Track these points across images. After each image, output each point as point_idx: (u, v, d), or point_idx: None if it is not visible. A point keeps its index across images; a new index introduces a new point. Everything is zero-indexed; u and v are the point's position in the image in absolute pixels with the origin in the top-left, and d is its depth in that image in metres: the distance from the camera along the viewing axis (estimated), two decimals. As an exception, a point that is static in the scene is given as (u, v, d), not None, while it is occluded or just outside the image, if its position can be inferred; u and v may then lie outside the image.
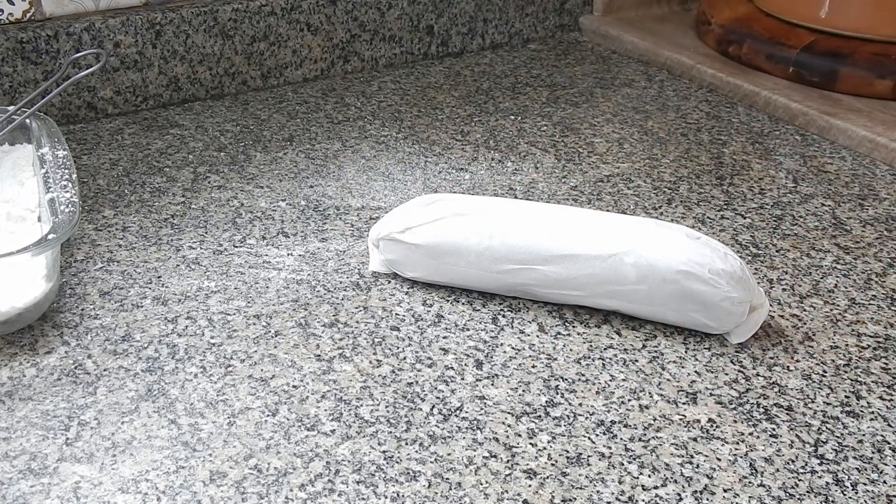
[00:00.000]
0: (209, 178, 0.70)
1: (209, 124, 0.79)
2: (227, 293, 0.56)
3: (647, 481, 0.43)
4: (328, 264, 0.59)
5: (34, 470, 0.43)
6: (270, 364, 0.50)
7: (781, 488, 0.43)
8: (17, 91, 0.75)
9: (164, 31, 0.80)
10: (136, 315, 0.54)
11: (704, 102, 0.86)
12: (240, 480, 0.43)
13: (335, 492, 0.42)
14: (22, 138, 0.65)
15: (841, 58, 0.83)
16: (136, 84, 0.80)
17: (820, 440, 0.46)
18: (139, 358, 0.50)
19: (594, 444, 0.45)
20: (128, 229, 0.63)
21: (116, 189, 0.68)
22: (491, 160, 0.74)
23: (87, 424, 0.46)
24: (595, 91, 0.87)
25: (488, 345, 0.52)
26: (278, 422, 0.46)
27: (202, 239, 0.62)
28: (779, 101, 0.83)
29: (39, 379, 0.49)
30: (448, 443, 0.45)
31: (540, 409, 0.47)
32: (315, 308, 0.55)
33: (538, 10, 0.99)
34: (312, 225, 0.64)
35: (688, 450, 0.45)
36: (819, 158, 0.75)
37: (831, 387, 0.50)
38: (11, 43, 0.74)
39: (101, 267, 0.59)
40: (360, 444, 0.45)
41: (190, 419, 0.46)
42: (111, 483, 0.42)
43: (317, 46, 0.88)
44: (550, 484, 0.43)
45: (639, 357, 0.51)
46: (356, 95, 0.86)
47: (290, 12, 0.85)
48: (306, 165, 0.72)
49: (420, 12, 0.92)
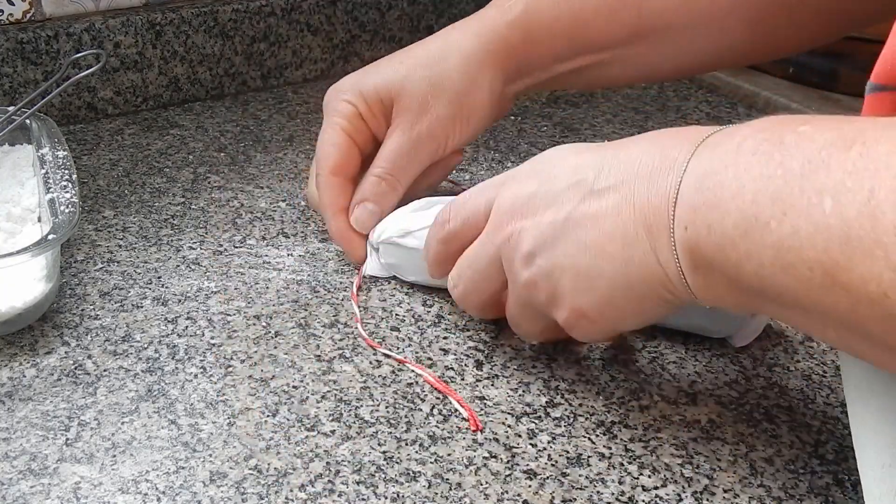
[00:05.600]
0: (209, 178, 0.70)
1: (209, 125, 0.79)
2: (228, 293, 0.56)
3: (647, 481, 0.43)
4: (328, 265, 0.59)
5: (34, 470, 0.43)
6: (270, 364, 0.50)
7: (781, 488, 0.43)
8: (17, 91, 0.75)
9: (164, 31, 0.80)
10: (136, 315, 0.54)
11: (704, 103, 0.86)
12: (240, 481, 0.43)
13: (335, 492, 0.42)
14: (22, 139, 0.65)
15: (841, 58, 0.83)
16: (136, 84, 0.80)
17: (820, 440, 0.46)
18: (139, 358, 0.50)
19: (594, 444, 0.45)
20: (128, 230, 0.63)
21: (116, 189, 0.68)
22: (491, 160, 0.73)
23: (87, 425, 0.46)
24: (595, 91, 0.87)
25: (488, 345, 0.52)
26: (278, 422, 0.46)
27: (202, 239, 0.62)
28: (779, 102, 0.83)
29: (39, 379, 0.49)
30: (448, 443, 0.45)
31: (540, 409, 0.47)
32: (315, 308, 0.55)
33: (538, 10, 0.99)
34: (312, 225, 0.64)
35: (688, 450, 0.45)
36: (819, 159, 0.75)
37: (831, 387, 0.50)
38: (11, 43, 0.74)
39: (101, 267, 0.59)
40: (360, 444, 0.45)
41: (190, 419, 0.46)
42: (111, 483, 0.42)
43: (317, 47, 0.88)
44: (550, 484, 0.43)
45: (639, 357, 0.51)
46: (356, 96, 0.85)
47: (290, 13, 0.85)
48: (306, 166, 0.72)
49: (420, 13, 0.92)
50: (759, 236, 0.34)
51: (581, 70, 0.59)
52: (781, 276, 0.34)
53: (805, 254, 0.32)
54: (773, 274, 0.34)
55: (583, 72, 0.59)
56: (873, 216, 0.30)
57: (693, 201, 0.37)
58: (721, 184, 0.36)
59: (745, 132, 0.37)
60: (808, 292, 0.33)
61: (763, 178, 0.34)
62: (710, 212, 0.36)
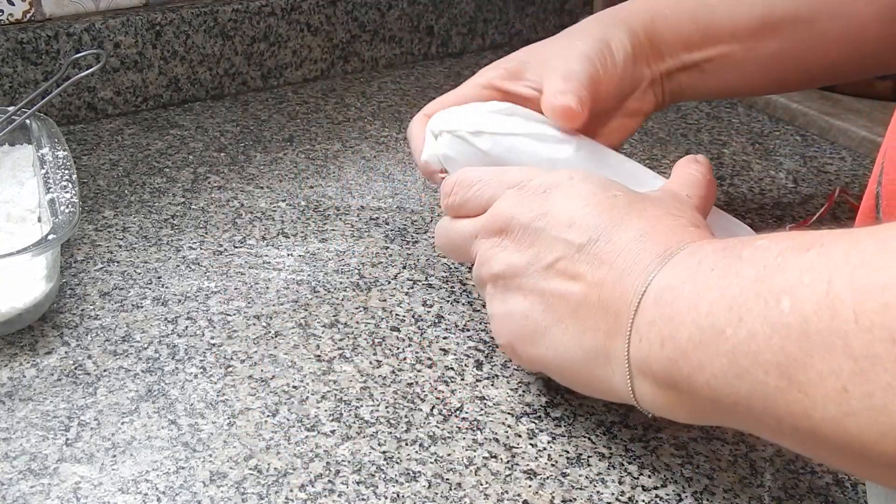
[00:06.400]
0: (209, 178, 0.70)
1: (209, 125, 0.79)
2: (227, 294, 0.56)
3: (647, 481, 0.43)
4: (328, 265, 0.59)
5: (34, 470, 0.43)
6: (270, 364, 0.50)
7: (781, 488, 0.43)
8: (17, 91, 0.75)
9: (164, 31, 0.80)
10: (136, 315, 0.54)
11: (704, 103, 0.86)
12: (240, 481, 0.43)
13: (335, 492, 0.42)
14: (22, 139, 0.65)
15: (841, 58, 0.83)
16: (136, 84, 0.80)
17: (820, 440, 0.46)
18: (139, 358, 0.50)
19: (594, 444, 0.45)
20: (128, 230, 0.63)
21: (116, 189, 0.68)
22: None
23: (87, 425, 0.46)
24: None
25: (488, 345, 0.52)
26: (278, 422, 0.46)
27: (202, 239, 0.62)
28: (779, 102, 0.83)
29: (39, 379, 0.49)
30: (448, 443, 0.45)
31: (540, 409, 0.47)
32: (315, 308, 0.55)
33: (538, 10, 0.99)
34: (312, 225, 0.64)
35: (688, 450, 0.45)
36: (819, 159, 0.75)
37: (831, 387, 0.50)
38: (11, 43, 0.74)
39: (101, 267, 0.59)
40: (360, 444, 0.45)
41: (190, 420, 0.46)
42: (111, 483, 0.42)
43: (317, 47, 0.88)
44: (550, 484, 0.43)
45: (639, 357, 0.51)
46: (356, 96, 0.86)
47: (290, 13, 0.85)
48: (306, 166, 0.72)
49: (420, 13, 0.92)
50: (714, 346, 0.34)
51: (710, 63, 0.57)
52: (736, 383, 0.33)
53: (761, 357, 0.32)
54: (727, 383, 0.34)
55: (712, 67, 0.58)
56: (832, 307, 0.30)
57: (650, 316, 0.37)
58: (678, 298, 0.36)
59: (707, 250, 0.37)
60: (762, 398, 0.32)
61: (719, 288, 0.34)
62: (665, 325, 0.36)
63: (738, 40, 0.57)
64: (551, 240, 0.43)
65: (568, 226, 0.42)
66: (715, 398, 0.35)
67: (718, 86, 0.60)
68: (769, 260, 0.33)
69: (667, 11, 0.57)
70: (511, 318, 0.44)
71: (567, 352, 0.42)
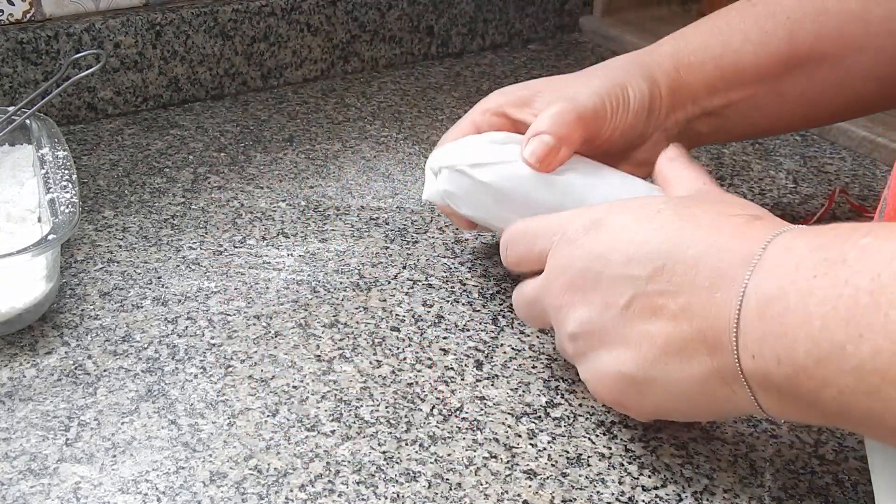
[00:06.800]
0: (209, 178, 0.70)
1: (209, 125, 0.79)
2: (227, 294, 0.56)
3: (647, 482, 0.43)
4: (328, 265, 0.59)
5: (34, 470, 0.43)
6: (270, 365, 0.50)
7: (781, 488, 0.43)
8: (17, 91, 0.75)
9: (164, 31, 0.80)
10: (136, 315, 0.54)
11: (704, 103, 0.86)
12: (240, 481, 0.43)
13: (335, 492, 0.42)
14: (22, 139, 0.65)
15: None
16: (136, 84, 0.80)
17: (820, 440, 0.46)
18: (139, 358, 0.51)
19: (594, 444, 0.45)
20: (128, 230, 0.63)
21: (116, 189, 0.68)
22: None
23: (87, 425, 0.46)
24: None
25: (488, 345, 0.52)
26: (278, 422, 0.46)
27: (202, 239, 0.62)
28: (779, 102, 0.82)
29: (39, 379, 0.49)
30: (448, 443, 0.45)
31: (540, 409, 0.47)
32: (315, 309, 0.55)
33: (538, 10, 0.99)
34: (312, 225, 0.64)
35: (688, 450, 0.45)
36: (819, 159, 0.75)
37: (831, 387, 0.50)
38: (11, 43, 0.74)
39: (101, 267, 0.59)
40: (360, 444, 0.45)
41: (190, 420, 0.46)
42: (111, 483, 0.42)
43: (317, 47, 0.88)
44: (550, 484, 0.43)
45: (639, 357, 0.51)
46: (356, 96, 0.86)
47: (291, 13, 0.85)
48: (306, 166, 0.72)
49: (420, 13, 0.92)
50: (837, 363, 0.32)
51: (731, 107, 0.56)
52: (866, 401, 0.32)
53: (891, 373, 0.31)
54: (857, 400, 0.32)
55: (733, 110, 0.56)
56: None
57: (757, 331, 0.35)
58: (785, 311, 0.34)
59: (802, 250, 0.35)
60: None
61: (830, 299, 0.33)
62: (777, 342, 0.35)
63: (761, 82, 0.55)
64: (614, 281, 0.40)
65: (627, 261, 0.40)
66: (844, 412, 0.34)
67: (740, 128, 0.58)
68: (882, 266, 0.32)
69: (692, 59, 0.55)
70: (606, 378, 0.41)
71: (679, 390, 0.39)
